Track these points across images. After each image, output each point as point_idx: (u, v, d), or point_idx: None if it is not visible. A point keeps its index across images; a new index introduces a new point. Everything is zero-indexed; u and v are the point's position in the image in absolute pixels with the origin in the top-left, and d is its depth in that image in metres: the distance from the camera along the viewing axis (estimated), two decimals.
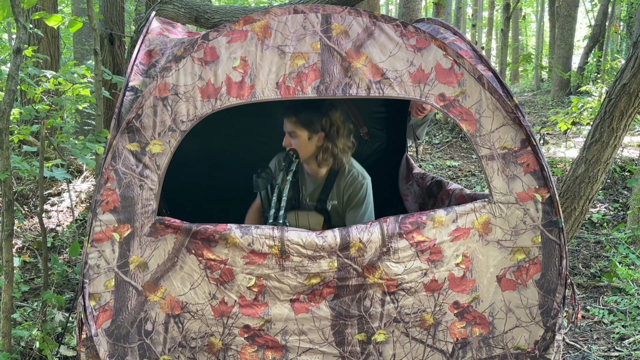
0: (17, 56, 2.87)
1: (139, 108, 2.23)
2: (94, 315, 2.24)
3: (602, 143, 3.93)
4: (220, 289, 2.28)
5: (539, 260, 2.42)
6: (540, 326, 2.44)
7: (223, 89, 2.25)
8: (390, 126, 3.97)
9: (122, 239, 2.24)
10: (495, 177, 2.39)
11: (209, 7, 4.77)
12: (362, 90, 2.29)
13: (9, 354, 2.92)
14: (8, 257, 2.95)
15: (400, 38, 2.31)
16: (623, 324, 3.63)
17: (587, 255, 4.83)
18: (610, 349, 3.40)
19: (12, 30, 11.59)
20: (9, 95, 2.84)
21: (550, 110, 11.65)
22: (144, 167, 2.25)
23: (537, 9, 24.69)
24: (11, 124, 4.11)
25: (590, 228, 5.52)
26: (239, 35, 2.25)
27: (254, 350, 2.32)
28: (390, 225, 2.31)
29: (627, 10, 12.89)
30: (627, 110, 3.83)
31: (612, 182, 6.52)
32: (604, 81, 10.21)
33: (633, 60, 3.75)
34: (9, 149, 2.91)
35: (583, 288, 4.27)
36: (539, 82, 17.54)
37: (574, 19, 14.04)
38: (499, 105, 2.38)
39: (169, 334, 2.29)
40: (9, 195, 2.94)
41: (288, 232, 2.26)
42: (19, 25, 2.87)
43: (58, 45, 6.93)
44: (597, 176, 3.97)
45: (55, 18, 3.48)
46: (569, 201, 4.02)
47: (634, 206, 5.04)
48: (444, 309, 2.38)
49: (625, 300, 3.93)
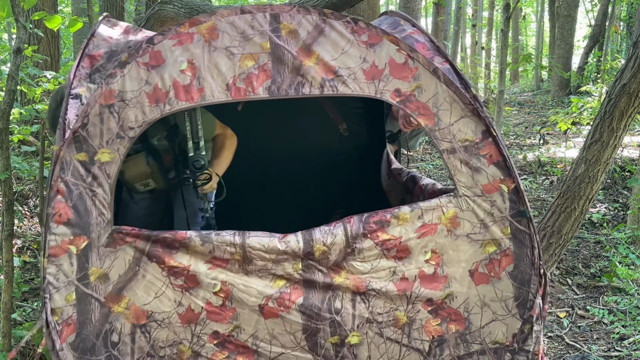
0: (17, 56, 2.87)
1: (84, 117, 2.19)
2: (57, 330, 2.19)
3: (602, 143, 3.92)
4: (186, 296, 2.24)
5: (511, 252, 2.39)
6: (517, 318, 2.41)
7: (171, 92, 2.21)
8: (370, 122, 3.97)
9: (79, 251, 2.20)
10: (458, 171, 2.36)
11: (209, 7, 4.77)
12: (316, 89, 2.26)
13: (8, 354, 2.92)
14: (8, 257, 2.95)
15: (351, 35, 2.28)
16: (623, 324, 3.63)
17: (587, 255, 4.83)
18: (610, 349, 3.40)
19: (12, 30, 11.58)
20: (9, 95, 2.84)
21: (550, 110, 11.65)
22: (93, 177, 2.20)
23: (537, 9, 24.68)
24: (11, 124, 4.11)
25: (590, 228, 5.52)
26: (185, 38, 2.22)
27: (225, 357, 2.28)
28: (354, 225, 2.29)
29: (627, 10, 12.88)
30: (627, 110, 3.83)
31: (612, 182, 6.52)
32: (604, 81, 10.20)
33: (633, 60, 3.75)
34: (9, 149, 2.91)
35: (583, 288, 4.27)
36: (539, 82, 17.53)
37: (574, 19, 14.04)
38: (457, 97, 2.35)
39: (136, 344, 2.25)
40: (9, 195, 2.94)
41: (249, 239, 2.23)
42: (19, 25, 2.87)
43: (58, 45, 6.93)
44: (597, 176, 3.97)
45: (56, 20, 3.47)
46: (569, 201, 4.02)
47: (634, 206, 5.04)
48: (417, 306, 2.35)
49: (625, 300, 3.93)
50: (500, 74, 5.16)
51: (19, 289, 3.36)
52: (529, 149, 8.70)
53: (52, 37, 6.64)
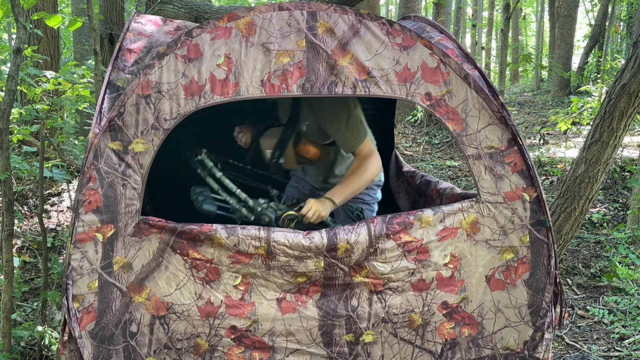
0: (17, 56, 2.88)
1: (121, 106, 2.20)
2: (78, 317, 2.20)
3: (602, 143, 3.93)
4: (206, 289, 2.26)
5: (528, 260, 2.41)
6: (530, 326, 2.43)
7: (207, 86, 2.22)
8: (378, 123, 3.97)
9: (105, 240, 2.21)
10: (482, 177, 2.38)
11: (209, 7, 4.76)
12: (348, 89, 2.28)
13: (9, 354, 2.93)
14: (8, 257, 2.96)
15: (386, 37, 2.30)
16: (623, 324, 3.63)
17: (587, 255, 4.83)
18: (610, 349, 3.40)
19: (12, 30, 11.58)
20: (9, 95, 2.84)
21: (550, 110, 11.64)
22: (126, 166, 2.22)
23: (537, 9, 24.68)
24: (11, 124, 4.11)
25: (590, 228, 5.52)
26: (223, 32, 2.24)
27: (240, 352, 2.30)
28: (377, 225, 2.30)
29: (627, 10, 12.89)
30: (627, 110, 3.83)
31: (612, 182, 6.52)
32: (604, 81, 10.20)
33: (633, 60, 3.75)
34: (9, 149, 2.91)
35: (583, 288, 4.27)
36: (539, 82, 17.52)
37: (574, 19, 14.04)
38: (485, 104, 2.37)
39: (154, 335, 2.26)
40: (9, 195, 2.94)
41: (274, 233, 2.25)
42: (19, 25, 2.87)
43: (58, 45, 6.93)
44: (597, 176, 3.97)
45: (56, 19, 3.47)
46: (569, 201, 4.02)
47: (634, 206, 5.04)
48: (432, 309, 2.37)
49: (625, 300, 3.93)
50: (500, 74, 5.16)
51: (19, 289, 3.36)
52: (529, 149, 8.70)
53: (52, 37, 6.63)
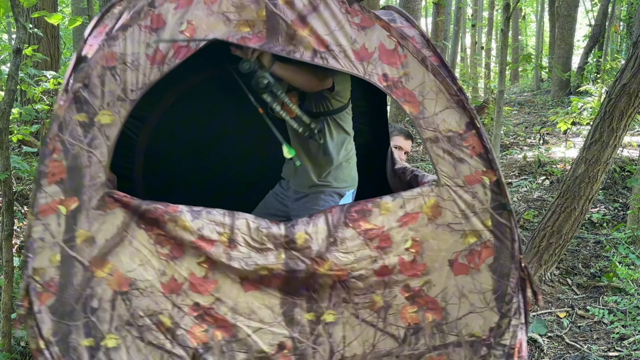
0: (17, 56, 2.88)
1: (85, 78, 2.17)
2: (37, 292, 2.15)
3: (602, 143, 3.93)
4: (170, 265, 2.23)
5: (491, 244, 2.39)
6: (495, 312, 2.40)
7: (170, 52, 2.21)
8: (373, 120, 3.98)
9: (68, 212, 2.15)
10: (441, 161, 2.37)
11: None
12: (307, 57, 2.28)
13: (9, 354, 2.93)
14: (8, 257, 2.96)
15: (344, 15, 2.30)
16: (623, 324, 3.63)
17: (587, 255, 4.83)
18: (610, 349, 3.40)
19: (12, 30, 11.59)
20: (9, 95, 2.84)
21: (550, 110, 11.65)
22: (92, 138, 2.17)
23: (537, 9, 24.68)
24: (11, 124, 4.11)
25: (590, 228, 5.52)
26: (186, 1, 2.23)
27: (203, 330, 2.27)
28: (335, 215, 2.31)
29: (627, 10, 12.89)
30: (627, 110, 3.83)
31: (612, 182, 6.52)
32: (604, 81, 10.21)
33: (633, 60, 3.76)
34: (8, 149, 2.91)
35: (583, 288, 4.27)
36: (538, 82, 17.53)
37: (574, 19, 14.04)
38: (443, 87, 2.36)
39: (115, 311, 2.21)
40: (9, 195, 2.94)
41: (238, 220, 2.25)
42: (19, 25, 2.88)
43: (58, 45, 6.93)
44: (597, 176, 3.98)
45: (56, 17, 3.48)
46: (569, 201, 4.03)
47: (634, 206, 5.04)
48: (394, 291, 2.35)
49: (625, 300, 3.93)
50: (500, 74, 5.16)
51: (19, 288, 3.36)
52: (529, 149, 8.70)
53: (52, 37, 6.64)
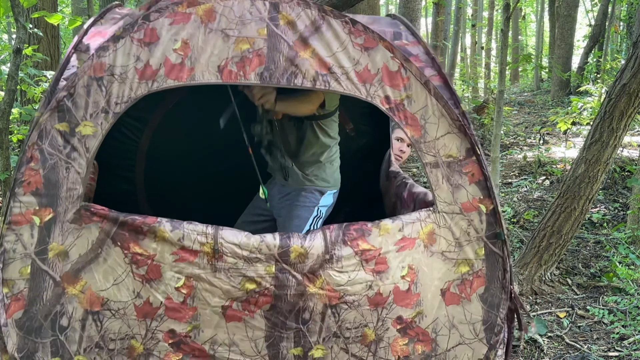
0: (17, 56, 2.88)
1: (70, 87, 2.12)
2: (5, 304, 2.06)
3: (602, 143, 3.93)
4: (146, 287, 2.11)
5: (483, 274, 2.35)
6: (484, 343, 2.37)
7: (161, 70, 2.15)
8: (376, 122, 3.97)
9: (42, 224, 2.09)
10: (440, 186, 2.33)
11: None
12: (308, 82, 2.21)
13: None
14: None
15: (347, 36, 2.24)
16: (623, 324, 3.62)
17: (587, 255, 4.83)
18: (610, 349, 3.39)
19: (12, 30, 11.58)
20: (9, 95, 2.84)
21: (550, 110, 11.65)
22: (72, 149, 2.11)
23: (537, 9, 24.67)
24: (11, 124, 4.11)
25: (590, 228, 5.52)
26: (182, 18, 2.16)
27: (178, 359, 2.15)
28: (333, 231, 2.22)
29: (627, 10, 12.88)
30: (627, 110, 3.83)
31: (612, 182, 6.52)
32: (604, 81, 10.20)
33: (633, 60, 3.76)
34: (8, 149, 2.91)
35: (583, 288, 4.27)
36: (538, 82, 17.53)
37: (574, 19, 14.04)
38: (445, 112, 2.32)
39: (85, 332, 2.11)
40: None
41: (223, 230, 2.12)
42: (19, 25, 2.88)
43: (58, 45, 6.92)
44: (597, 176, 3.97)
45: (56, 17, 3.48)
46: (569, 201, 4.02)
47: (634, 206, 5.04)
48: (386, 324, 2.26)
49: (625, 300, 3.93)
50: (500, 74, 5.15)
51: None
52: (529, 149, 8.70)
53: (52, 37, 6.63)
